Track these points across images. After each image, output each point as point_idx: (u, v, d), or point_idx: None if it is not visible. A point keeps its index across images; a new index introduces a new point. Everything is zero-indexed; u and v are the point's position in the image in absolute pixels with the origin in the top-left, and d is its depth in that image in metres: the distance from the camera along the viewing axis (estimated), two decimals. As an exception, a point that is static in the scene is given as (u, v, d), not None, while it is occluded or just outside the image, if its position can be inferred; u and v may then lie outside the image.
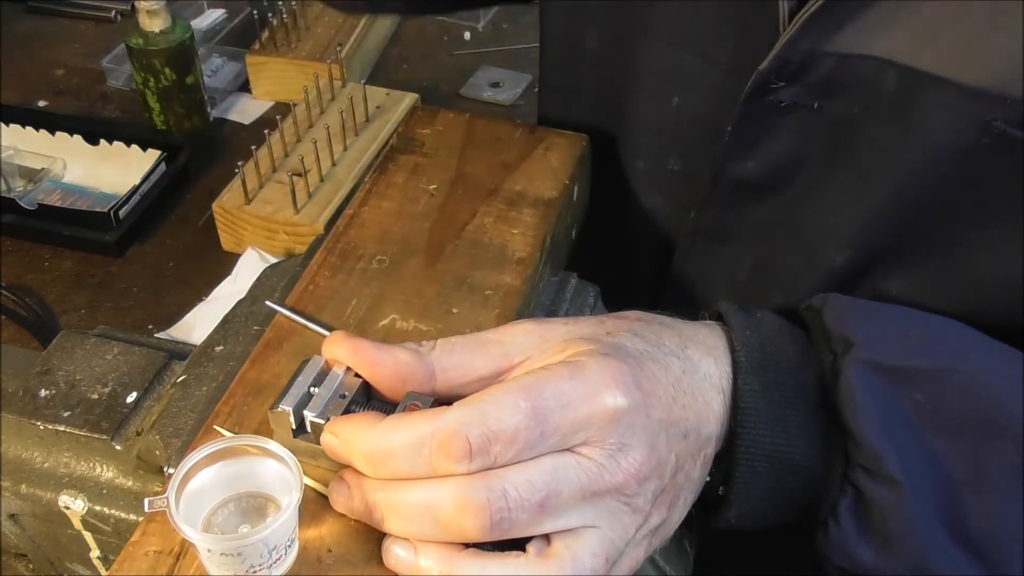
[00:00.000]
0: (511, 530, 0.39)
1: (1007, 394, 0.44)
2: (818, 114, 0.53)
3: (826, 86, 0.52)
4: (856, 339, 0.45)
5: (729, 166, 0.58)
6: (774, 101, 0.54)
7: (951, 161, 0.50)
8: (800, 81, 0.52)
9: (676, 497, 0.44)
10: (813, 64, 0.52)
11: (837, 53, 0.51)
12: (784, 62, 0.52)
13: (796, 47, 0.51)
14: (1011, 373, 0.46)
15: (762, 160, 0.57)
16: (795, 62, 0.52)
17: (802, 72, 0.52)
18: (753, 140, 0.56)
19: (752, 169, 0.58)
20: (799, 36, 0.51)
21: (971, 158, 0.49)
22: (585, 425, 0.40)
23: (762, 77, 0.53)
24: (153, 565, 0.43)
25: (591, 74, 0.69)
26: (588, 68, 0.68)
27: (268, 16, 1.33)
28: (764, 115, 0.55)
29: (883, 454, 0.43)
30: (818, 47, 0.51)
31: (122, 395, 0.56)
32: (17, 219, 1.13)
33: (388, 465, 0.40)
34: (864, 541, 0.44)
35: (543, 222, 0.61)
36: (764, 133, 0.56)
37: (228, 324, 0.59)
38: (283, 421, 0.45)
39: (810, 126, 0.54)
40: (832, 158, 0.55)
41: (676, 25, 0.60)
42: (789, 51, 0.51)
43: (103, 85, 1.40)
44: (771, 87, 0.53)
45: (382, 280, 0.56)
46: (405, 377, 0.44)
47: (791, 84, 0.53)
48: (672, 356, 0.45)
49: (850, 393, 0.44)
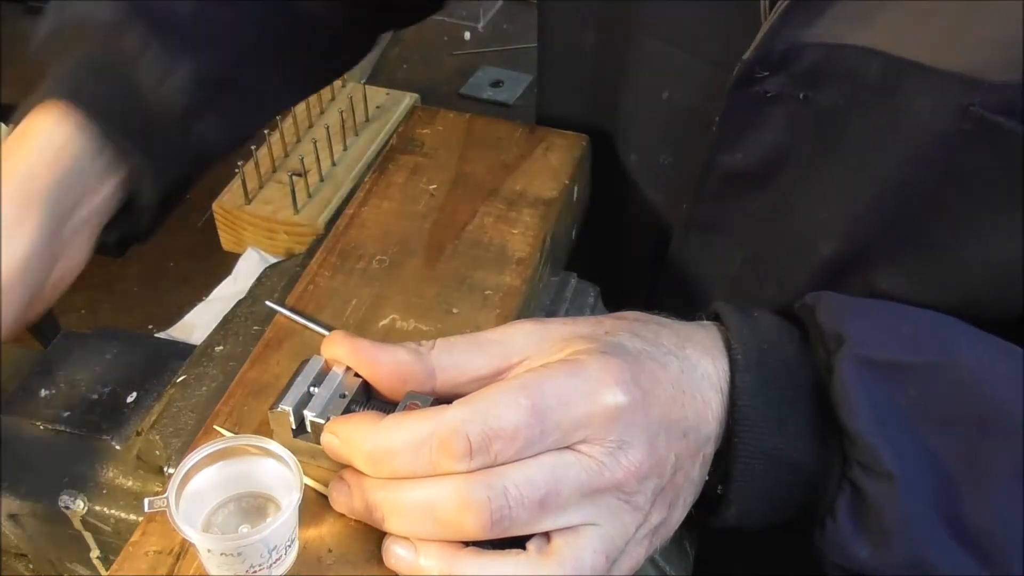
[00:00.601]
0: (511, 528, 0.39)
1: (999, 388, 0.44)
2: (804, 104, 0.53)
3: (811, 76, 0.52)
4: (848, 335, 0.45)
5: (718, 158, 0.58)
6: (760, 92, 0.54)
7: (935, 149, 0.50)
8: (785, 71, 0.53)
9: (676, 497, 0.44)
10: (796, 54, 0.52)
11: (820, 43, 0.51)
12: (767, 52, 0.52)
13: (778, 36, 0.51)
14: (1003, 366, 0.46)
15: (750, 151, 0.57)
16: (778, 52, 0.52)
17: (786, 62, 0.52)
18: (741, 131, 0.57)
19: (741, 161, 0.58)
20: (780, 25, 0.51)
21: (953, 145, 0.49)
22: (585, 423, 0.40)
23: (746, 67, 0.53)
24: (153, 565, 0.43)
25: (587, 71, 0.69)
26: (584, 66, 0.69)
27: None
28: (750, 106, 0.55)
29: (877, 449, 0.43)
30: (800, 37, 0.51)
31: (122, 395, 0.56)
32: (17, 219, 1.12)
33: (388, 464, 0.40)
34: (861, 538, 0.44)
35: (543, 222, 0.61)
36: (751, 124, 0.56)
37: (228, 324, 0.59)
38: (283, 421, 0.45)
39: (797, 117, 0.54)
40: (820, 149, 0.55)
41: (665, 20, 0.60)
42: (772, 40, 0.51)
43: (103, 85, 1.40)
44: (756, 77, 0.53)
45: (382, 280, 0.56)
46: (405, 377, 0.44)
47: (776, 74, 0.53)
48: (671, 356, 0.45)
49: (843, 389, 0.44)
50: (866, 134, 0.52)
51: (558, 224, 0.63)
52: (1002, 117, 0.47)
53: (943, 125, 0.49)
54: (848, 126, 0.53)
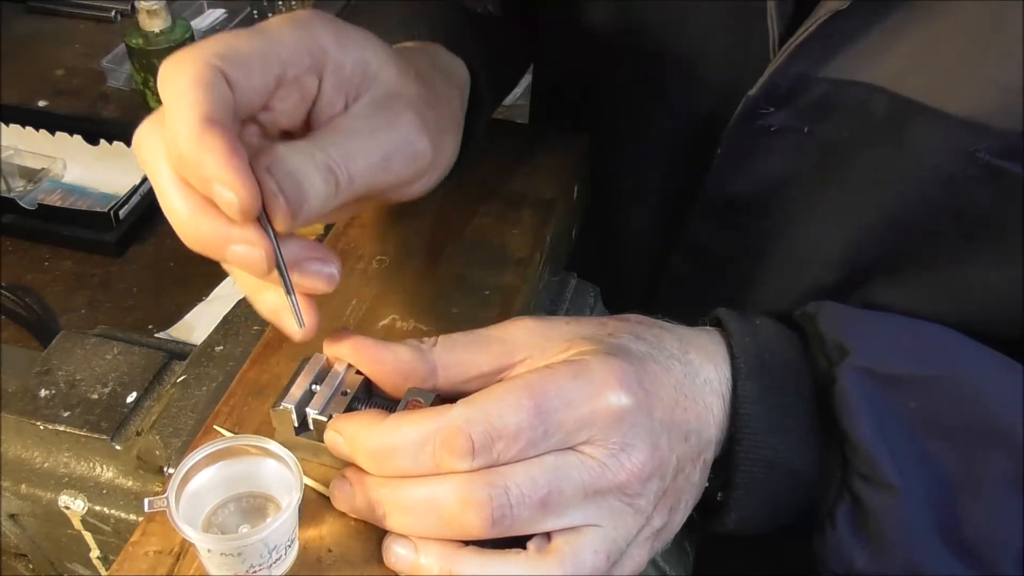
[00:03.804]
0: (513, 527, 0.39)
1: (999, 401, 0.45)
2: (808, 137, 0.54)
3: (816, 110, 0.52)
4: (850, 346, 0.45)
5: (719, 185, 0.59)
6: (764, 125, 0.54)
7: (938, 188, 0.50)
8: (790, 105, 0.53)
9: (677, 500, 0.44)
10: (803, 88, 0.52)
11: (827, 78, 0.51)
12: (774, 87, 0.52)
13: (787, 72, 0.51)
14: (1003, 380, 0.46)
15: (751, 181, 0.57)
16: (784, 87, 0.52)
17: (792, 96, 0.52)
18: (743, 162, 0.57)
19: (742, 189, 0.58)
20: (790, 61, 0.51)
21: (957, 186, 0.49)
22: (588, 424, 0.40)
23: (752, 102, 0.53)
24: (153, 565, 0.43)
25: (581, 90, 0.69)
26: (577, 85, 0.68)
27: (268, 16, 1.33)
28: (754, 139, 0.55)
29: (879, 460, 0.43)
30: (809, 72, 0.51)
31: (122, 395, 0.56)
32: (17, 219, 1.13)
33: (391, 462, 0.40)
34: (859, 546, 0.45)
35: (543, 222, 0.61)
36: (753, 155, 0.56)
37: (228, 324, 0.59)
38: (285, 419, 0.45)
39: (800, 149, 0.54)
40: (821, 180, 0.55)
41: (665, 48, 0.60)
42: (779, 76, 0.52)
43: (103, 85, 1.40)
44: (760, 112, 0.53)
45: (382, 280, 0.56)
46: (406, 374, 0.44)
47: (781, 109, 0.53)
48: (673, 359, 0.45)
49: (845, 400, 0.44)
50: (868, 169, 0.53)
51: (558, 224, 0.63)
52: (1007, 162, 0.47)
53: (949, 167, 0.49)
54: (851, 160, 0.53)
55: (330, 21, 0.43)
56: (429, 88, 0.48)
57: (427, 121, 0.45)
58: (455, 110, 0.52)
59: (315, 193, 0.40)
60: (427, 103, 0.47)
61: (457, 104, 0.52)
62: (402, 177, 0.45)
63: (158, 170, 0.39)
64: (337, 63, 0.43)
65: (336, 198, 0.41)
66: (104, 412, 0.55)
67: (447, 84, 0.51)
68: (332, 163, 0.40)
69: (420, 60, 0.50)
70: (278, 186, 0.38)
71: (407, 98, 0.45)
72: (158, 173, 0.39)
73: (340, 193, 0.41)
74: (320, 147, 0.41)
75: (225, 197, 0.37)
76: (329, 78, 0.43)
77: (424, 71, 0.49)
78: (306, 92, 0.43)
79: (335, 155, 0.41)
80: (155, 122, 0.40)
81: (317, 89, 0.43)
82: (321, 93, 0.43)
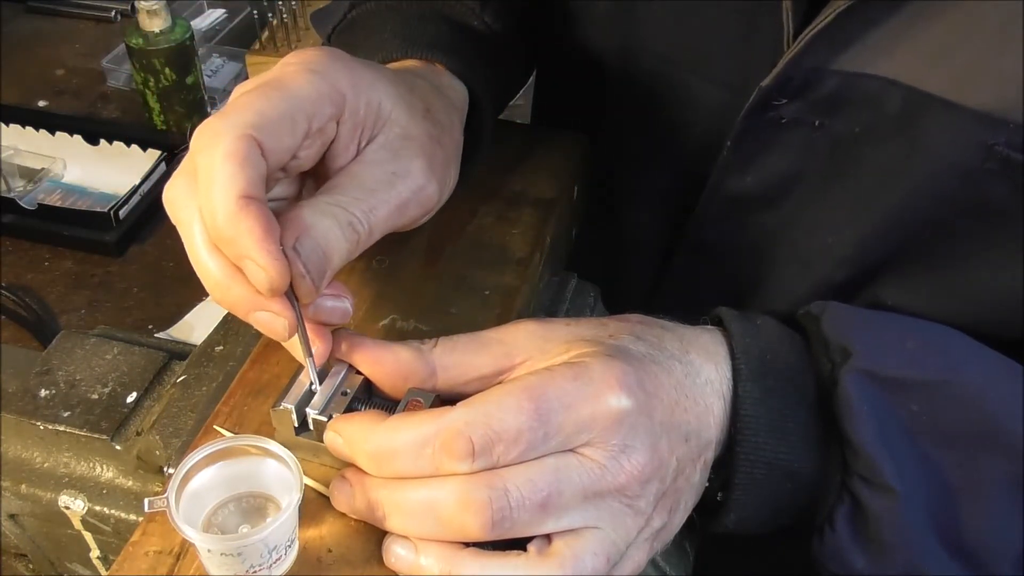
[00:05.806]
0: (512, 529, 0.39)
1: (1001, 406, 0.45)
2: (819, 131, 0.53)
3: (829, 104, 0.52)
4: (853, 348, 0.45)
5: (727, 180, 0.58)
6: (775, 117, 0.54)
7: (953, 183, 0.50)
8: (802, 98, 0.52)
9: (677, 501, 0.44)
10: (817, 81, 0.51)
11: (841, 71, 0.51)
12: (787, 79, 0.52)
13: (800, 64, 0.51)
14: (1005, 384, 0.46)
15: (760, 175, 0.57)
16: (798, 79, 0.52)
17: (805, 89, 0.52)
18: (752, 155, 0.56)
19: (750, 184, 0.58)
20: (804, 53, 0.50)
21: (973, 181, 0.49)
22: (588, 426, 0.40)
23: (764, 94, 0.53)
24: (153, 565, 0.43)
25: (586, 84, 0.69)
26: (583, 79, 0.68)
27: (268, 16, 1.33)
28: (764, 131, 0.55)
29: (880, 463, 0.43)
30: (823, 65, 0.51)
31: (122, 395, 0.56)
32: (17, 219, 1.13)
33: (391, 464, 0.40)
34: (858, 548, 0.45)
35: (543, 222, 0.61)
36: (763, 149, 0.56)
37: (228, 324, 0.59)
38: (285, 419, 0.45)
39: (810, 143, 0.54)
40: (831, 175, 0.55)
41: (673, 42, 0.60)
42: (793, 68, 0.51)
43: (103, 85, 1.40)
44: (773, 104, 0.53)
45: (382, 280, 0.56)
46: (406, 375, 0.44)
47: (793, 101, 0.53)
48: (674, 360, 0.45)
49: (847, 402, 0.44)
50: (880, 163, 0.52)
51: (558, 224, 0.63)
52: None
53: (965, 162, 0.49)
54: (862, 155, 0.53)
55: (343, 61, 0.45)
56: (435, 122, 0.49)
57: (435, 162, 0.48)
58: (456, 137, 0.53)
59: (339, 256, 0.42)
60: (434, 140, 0.48)
61: (458, 131, 0.53)
62: (414, 220, 0.48)
63: (192, 233, 0.41)
64: (353, 107, 0.45)
65: (356, 251, 0.44)
66: (104, 412, 0.55)
67: (448, 111, 0.52)
68: (354, 220, 0.43)
69: (424, 89, 0.51)
70: (305, 267, 0.41)
71: (419, 141, 0.47)
72: (192, 236, 0.41)
73: (360, 246, 0.44)
74: (342, 204, 0.43)
75: (256, 276, 0.39)
76: (346, 122, 0.45)
77: (429, 102, 0.50)
78: (326, 137, 0.45)
79: (357, 212, 0.43)
80: (187, 179, 0.42)
81: (335, 132, 0.45)
82: (338, 136, 0.45)
